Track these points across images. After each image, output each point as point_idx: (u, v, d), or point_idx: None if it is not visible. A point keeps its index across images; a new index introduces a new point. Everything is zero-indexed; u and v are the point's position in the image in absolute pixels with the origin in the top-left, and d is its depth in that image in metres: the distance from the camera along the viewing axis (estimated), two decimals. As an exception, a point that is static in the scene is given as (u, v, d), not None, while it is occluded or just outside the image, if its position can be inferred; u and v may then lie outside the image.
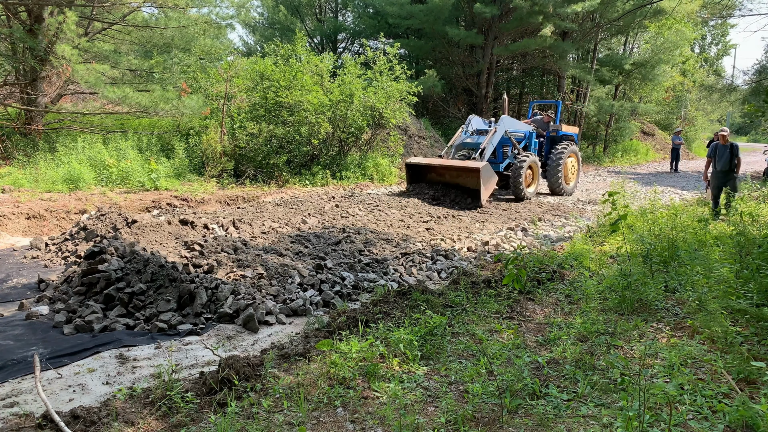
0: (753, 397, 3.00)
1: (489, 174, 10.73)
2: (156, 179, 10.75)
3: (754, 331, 3.88)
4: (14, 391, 3.37)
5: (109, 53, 12.16)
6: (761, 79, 17.02)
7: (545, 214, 10.58)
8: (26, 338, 4.14)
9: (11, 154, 10.82)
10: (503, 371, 3.31)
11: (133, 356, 3.90)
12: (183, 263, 5.51)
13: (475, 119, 12.38)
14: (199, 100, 12.32)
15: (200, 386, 3.21)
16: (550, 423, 2.79)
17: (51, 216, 8.13)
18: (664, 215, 7.30)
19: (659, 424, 2.65)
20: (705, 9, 21.90)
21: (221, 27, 14.32)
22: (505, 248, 7.49)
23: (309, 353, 3.68)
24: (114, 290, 4.75)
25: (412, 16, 18.80)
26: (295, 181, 12.90)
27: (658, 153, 28.93)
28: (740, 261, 4.80)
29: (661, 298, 4.72)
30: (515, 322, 4.44)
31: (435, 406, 3.04)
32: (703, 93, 26.87)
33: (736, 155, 9.31)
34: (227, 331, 4.40)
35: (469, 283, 5.31)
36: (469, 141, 11.82)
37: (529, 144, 12.85)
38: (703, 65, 38.14)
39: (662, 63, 22.52)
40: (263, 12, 25.44)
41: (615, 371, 3.28)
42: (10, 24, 11.03)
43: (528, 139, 12.85)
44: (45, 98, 11.72)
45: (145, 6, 12.77)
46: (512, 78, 24.76)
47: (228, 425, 2.72)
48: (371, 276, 5.90)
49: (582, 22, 20.78)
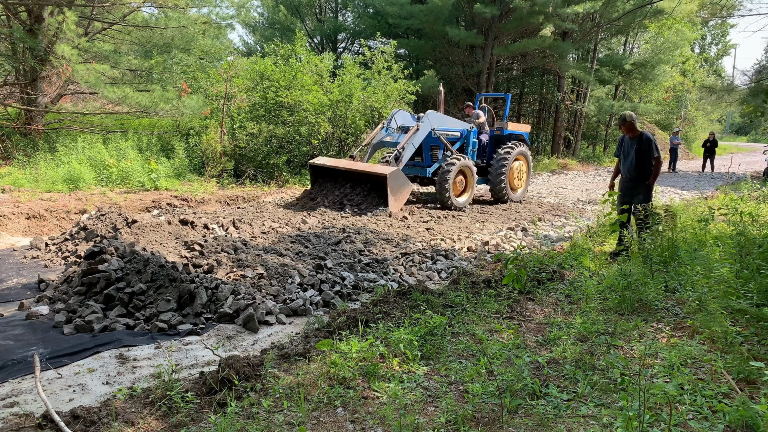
0: (753, 397, 3.00)
1: (399, 182, 9.26)
2: (156, 179, 10.75)
3: (754, 331, 3.88)
4: (14, 391, 3.37)
5: (109, 53, 12.17)
6: (761, 79, 17.01)
7: (545, 214, 10.58)
8: (26, 338, 4.14)
9: (11, 154, 10.82)
10: (503, 371, 3.31)
11: (133, 356, 3.90)
12: (183, 263, 5.51)
13: (400, 114, 10.68)
14: (199, 100, 12.33)
15: (200, 386, 3.21)
16: (550, 423, 2.79)
17: (51, 216, 8.13)
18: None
19: (659, 424, 2.65)
20: (705, 9, 21.89)
21: (221, 27, 14.34)
22: (505, 248, 7.49)
23: (309, 353, 3.68)
24: (114, 290, 4.75)
25: (412, 16, 18.81)
26: (295, 181, 12.90)
27: (658, 153, 28.88)
28: (740, 261, 4.79)
29: (661, 298, 4.72)
30: (515, 322, 4.44)
31: (435, 406, 3.04)
32: (702, 93, 26.89)
33: (649, 155, 6.53)
34: (227, 331, 4.40)
35: (469, 283, 5.31)
36: (389, 140, 10.21)
37: (467, 144, 11.12)
38: (703, 65, 38.16)
39: (662, 63, 22.55)
40: (263, 12, 25.46)
41: (615, 371, 3.28)
42: (10, 24, 11.04)
43: (465, 139, 11.13)
44: (45, 98, 11.73)
45: (145, 6, 12.78)
46: (512, 78, 24.76)
47: (228, 425, 2.72)
48: (371, 276, 5.90)
49: (582, 23, 20.78)
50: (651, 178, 6.61)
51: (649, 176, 6.61)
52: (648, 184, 6.64)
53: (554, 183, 16.46)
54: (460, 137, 11.04)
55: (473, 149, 11.19)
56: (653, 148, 6.51)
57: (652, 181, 6.63)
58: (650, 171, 6.58)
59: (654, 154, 6.53)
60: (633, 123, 6.66)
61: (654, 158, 6.56)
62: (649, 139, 6.53)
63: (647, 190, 6.67)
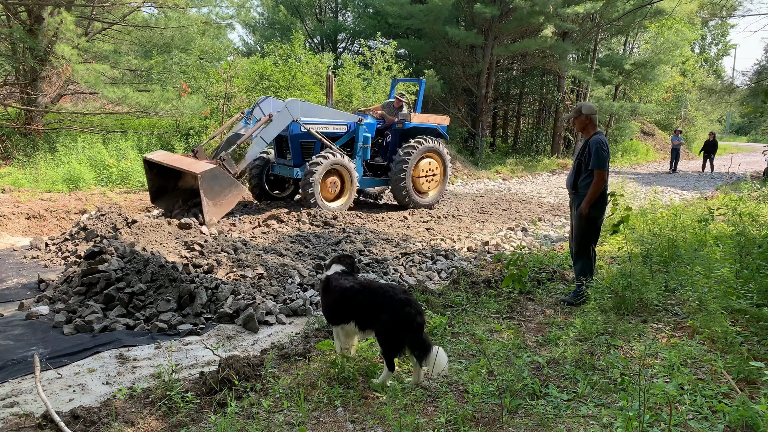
0: (753, 397, 3.00)
1: (220, 183, 7.51)
2: (156, 179, 10.74)
3: (754, 331, 3.88)
4: (14, 391, 3.37)
5: (109, 53, 12.17)
6: (761, 79, 17.03)
7: (545, 214, 10.58)
8: (26, 338, 4.14)
9: (11, 154, 10.82)
10: (503, 371, 3.31)
11: (133, 356, 3.90)
12: (183, 263, 5.51)
13: (268, 101, 8.97)
14: (198, 100, 12.33)
15: (200, 386, 3.21)
16: (550, 423, 2.79)
17: (51, 216, 8.12)
18: (664, 215, 7.30)
19: (659, 424, 2.65)
20: (705, 9, 21.90)
21: (221, 27, 14.32)
22: (505, 248, 7.49)
23: (309, 353, 3.68)
24: (114, 290, 4.75)
25: (412, 16, 18.79)
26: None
27: (658, 153, 28.94)
28: (740, 261, 4.79)
29: (661, 298, 4.72)
30: (515, 322, 4.44)
31: (435, 406, 3.03)
32: (702, 94, 26.94)
33: (590, 163, 4.69)
34: (227, 331, 4.40)
35: (469, 283, 5.31)
36: (243, 132, 8.69)
37: (357, 140, 9.53)
38: (703, 65, 38.18)
39: (662, 63, 22.55)
40: (263, 12, 25.43)
41: (615, 371, 3.28)
42: (10, 24, 11.04)
43: (354, 133, 9.56)
44: (45, 98, 11.73)
45: (145, 6, 12.78)
46: (512, 78, 24.75)
47: (228, 425, 2.72)
48: (371, 276, 5.90)
49: (582, 23, 20.78)
50: (584, 201, 4.71)
51: (584, 190, 4.74)
52: (580, 211, 4.75)
53: (554, 183, 16.47)
54: (347, 131, 9.55)
55: (364, 145, 9.58)
56: (594, 158, 4.64)
57: (585, 205, 4.70)
58: (582, 183, 4.78)
59: (598, 166, 4.63)
60: (588, 117, 4.78)
61: (598, 171, 4.63)
62: (596, 144, 4.67)
63: (581, 219, 4.77)
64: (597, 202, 4.73)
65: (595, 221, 4.81)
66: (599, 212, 4.81)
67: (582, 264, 4.87)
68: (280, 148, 9.54)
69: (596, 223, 4.83)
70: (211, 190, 7.43)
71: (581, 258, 4.89)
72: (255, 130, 8.29)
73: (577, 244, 4.87)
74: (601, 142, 4.71)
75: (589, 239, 4.83)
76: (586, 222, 4.79)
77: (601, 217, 4.87)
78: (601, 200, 4.78)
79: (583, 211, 4.73)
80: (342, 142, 9.49)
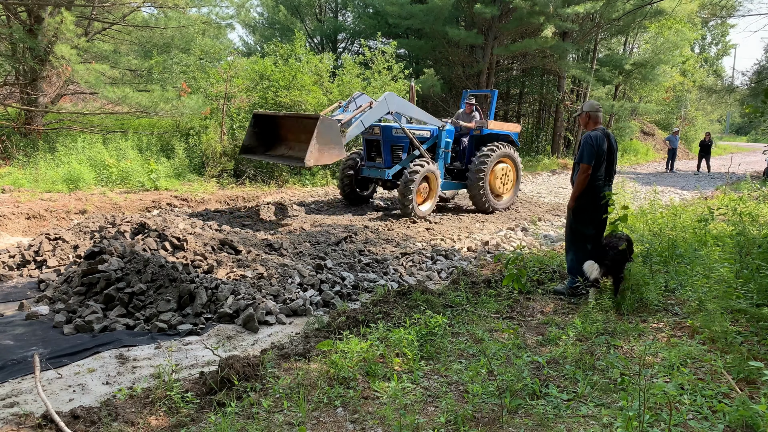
0: (753, 397, 3.00)
1: (331, 134, 7.87)
2: (156, 179, 10.74)
3: (754, 331, 3.88)
4: (14, 391, 3.37)
5: (109, 53, 12.17)
6: (761, 79, 17.01)
7: (545, 214, 10.58)
8: (26, 338, 4.14)
9: (11, 154, 10.81)
10: (503, 371, 3.31)
11: (133, 356, 3.90)
12: (183, 263, 5.51)
13: (363, 97, 9.51)
14: (198, 100, 12.33)
15: (200, 386, 3.21)
16: (550, 423, 2.79)
17: (51, 216, 8.12)
18: (664, 215, 7.30)
19: (659, 424, 2.65)
20: (705, 9, 21.90)
21: (221, 27, 14.33)
22: (505, 248, 7.49)
23: (309, 353, 3.68)
24: (114, 290, 4.75)
25: (412, 16, 18.80)
26: (294, 181, 12.90)
27: (658, 153, 28.95)
28: (740, 261, 4.79)
29: (661, 298, 4.72)
30: (515, 322, 4.44)
31: (435, 406, 3.03)
32: (702, 94, 26.94)
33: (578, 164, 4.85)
34: (227, 331, 4.40)
35: (469, 283, 5.31)
36: (341, 118, 8.96)
37: (439, 144, 10.01)
38: (703, 65, 38.17)
39: (662, 63, 22.53)
40: (263, 12, 25.45)
41: (615, 371, 3.28)
42: (10, 24, 11.03)
43: (437, 139, 10.05)
44: (45, 98, 11.72)
45: (145, 6, 12.78)
46: (512, 78, 24.75)
47: (228, 425, 2.72)
48: (371, 276, 5.90)
49: (582, 23, 20.78)
50: (570, 196, 4.87)
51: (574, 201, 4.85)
52: (569, 206, 4.90)
53: (554, 183, 16.47)
54: (431, 137, 10.05)
55: (445, 150, 10.09)
56: (579, 151, 4.79)
57: (571, 197, 4.84)
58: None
59: (576, 158, 4.82)
60: (588, 114, 4.96)
61: (576, 163, 4.80)
62: (584, 139, 4.79)
63: (568, 211, 4.92)
64: (583, 195, 4.80)
65: (582, 214, 4.85)
66: (588, 205, 4.84)
67: (572, 257, 4.99)
68: (370, 152, 10.13)
69: (584, 216, 4.86)
70: (323, 136, 7.74)
71: (570, 251, 5.04)
72: (356, 114, 8.72)
73: (566, 238, 5.03)
74: (590, 137, 4.76)
75: (576, 232, 4.92)
76: (573, 214, 4.90)
77: (591, 212, 4.86)
78: (590, 194, 4.80)
79: (570, 203, 4.90)
80: (426, 146, 9.96)
